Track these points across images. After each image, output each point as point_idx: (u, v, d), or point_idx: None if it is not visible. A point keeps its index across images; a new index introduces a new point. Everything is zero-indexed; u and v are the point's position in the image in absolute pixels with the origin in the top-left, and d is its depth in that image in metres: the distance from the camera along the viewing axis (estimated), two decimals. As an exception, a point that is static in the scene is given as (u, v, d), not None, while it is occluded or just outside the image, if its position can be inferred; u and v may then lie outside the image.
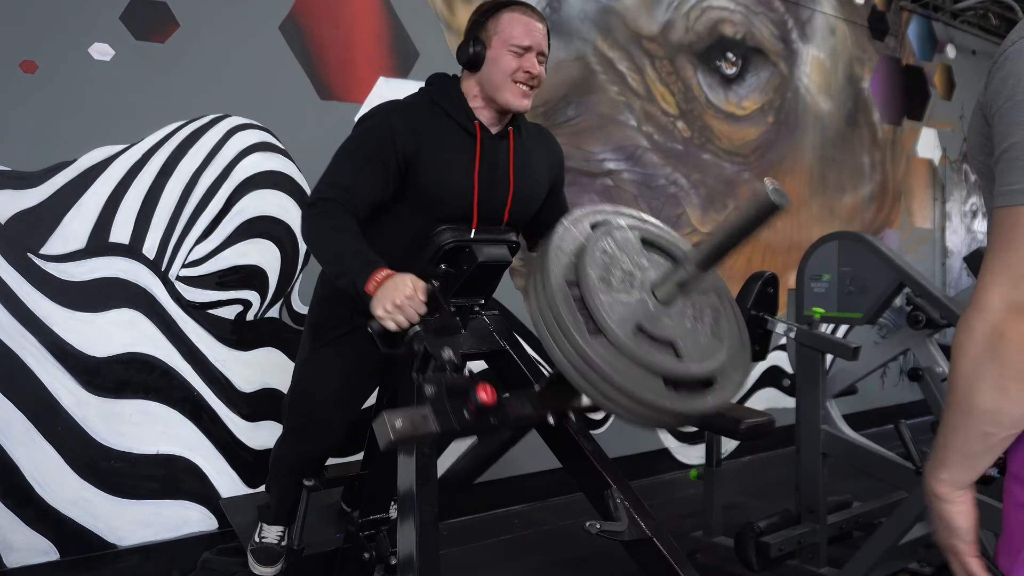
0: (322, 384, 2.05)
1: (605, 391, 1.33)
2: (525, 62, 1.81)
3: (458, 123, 1.85)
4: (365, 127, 1.84)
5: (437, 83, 1.92)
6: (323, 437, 2.12)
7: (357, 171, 1.78)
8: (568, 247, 1.45)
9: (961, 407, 0.94)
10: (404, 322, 1.56)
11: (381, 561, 2.08)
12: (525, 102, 1.84)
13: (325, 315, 2.03)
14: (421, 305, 1.57)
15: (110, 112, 2.65)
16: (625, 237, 1.50)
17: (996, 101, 0.96)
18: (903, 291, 2.64)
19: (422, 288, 1.58)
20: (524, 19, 1.83)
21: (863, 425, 4.38)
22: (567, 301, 1.37)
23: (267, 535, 2.31)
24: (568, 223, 1.50)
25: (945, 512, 0.99)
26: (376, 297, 1.58)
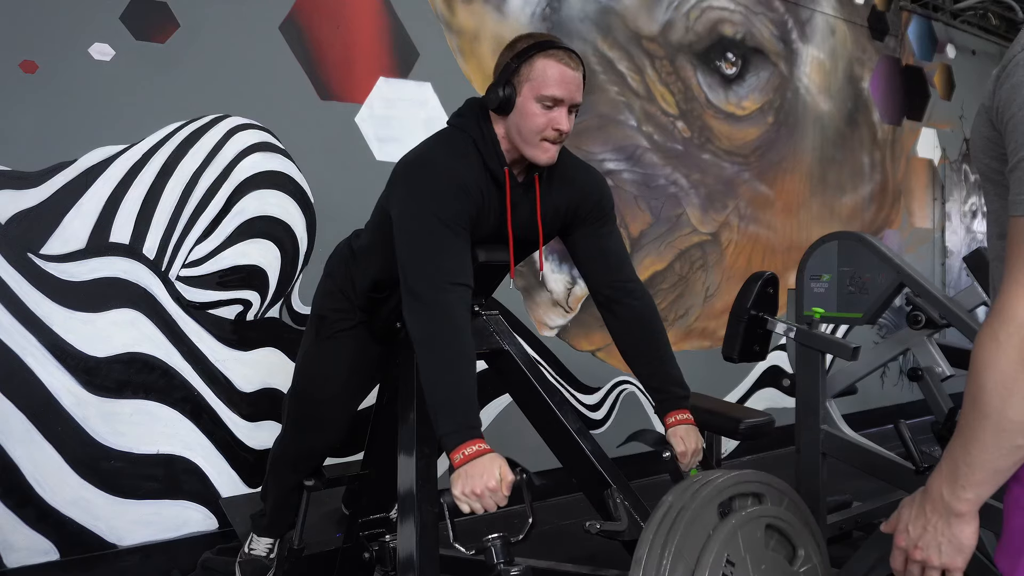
0: (325, 377, 2.05)
1: None
2: (555, 116, 1.66)
3: (489, 169, 1.73)
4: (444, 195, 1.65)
5: (473, 121, 1.75)
6: (326, 431, 2.11)
7: (457, 243, 1.64)
8: (691, 549, 1.30)
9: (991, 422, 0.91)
10: (480, 510, 1.49)
11: (381, 563, 2.08)
12: (551, 157, 1.71)
13: (328, 308, 2.03)
14: (503, 499, 1.49)
15: (110, 112, 2.65)
16: (752, 531, 1.35)
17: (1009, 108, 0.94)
18: (903, 291, 2.64)
19: (508, 483, 1.49)
20: (559, 68, 1.66)
21: (863, 425, 4.38)
22: None
23: (256, 547, 2.30)
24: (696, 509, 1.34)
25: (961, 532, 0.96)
26: (459, 472, 1.48)
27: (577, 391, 3.81)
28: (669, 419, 1.83)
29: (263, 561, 2.29)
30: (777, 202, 4.74)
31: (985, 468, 0.93)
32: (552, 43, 1.69)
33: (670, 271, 4.20)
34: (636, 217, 4.04)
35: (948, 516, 0.97)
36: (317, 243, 3.04)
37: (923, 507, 1.00)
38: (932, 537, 0.98)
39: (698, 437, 1.82)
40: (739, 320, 2.54)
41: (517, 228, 1.78)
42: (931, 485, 0.99)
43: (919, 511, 1.00)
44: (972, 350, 0.94)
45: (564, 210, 1.85)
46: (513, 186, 1.75)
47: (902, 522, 1.02)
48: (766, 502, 1.43)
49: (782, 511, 1.43)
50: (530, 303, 3.65)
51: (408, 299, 1.61)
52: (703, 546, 1.31)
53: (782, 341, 2.70)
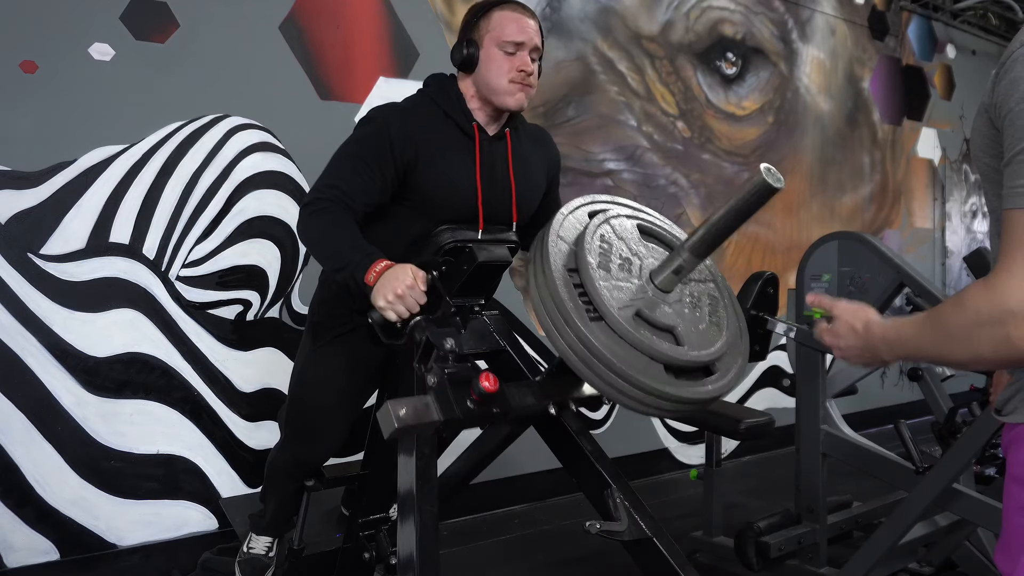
0: (322, 385, 2.04)
1: (606, 377, 1.34)
2: (518, 60, 1.80)
3: (456, 124, 1.84)
4: (363, 132, 1.83)
5: (435, 83, 1.91)
6: (323, 440, 2.10)
7: (355, 174, 1.78)
8: (567, 235, 1.46)
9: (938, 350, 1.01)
10: (404, 312, 1.56)
11: (381, 561, 2.08)
12: (520, 101, 1.84)
13: (324, 315, 2.02)
14: (422, 295, 1.57)
15: (110, 112, 2.65)
16: (623, 225, 1.51)
17: (1007, 104, 0.95)
18: (903, 291, 2.64)
19: (422, 278, 1.58)
20: (515, 16, 1.81)
21: (863, 425, 4.38)
22: (567, 287, 1.37)
23: (255, 546, 2.30)
24: (566, 211, 1.50)
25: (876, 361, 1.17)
26: (376, 287, 1.58)
27: (577, 391, 3.81)
28: None
29: (262, 560, 2.29)
30: (777, 202, 4.73)
31: (915, 357, 1.10)
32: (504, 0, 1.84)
33: (670, 271, 4.20)
34: (636, 217, 4.03)
35: (873, 357, 1.16)
36: (317, 243, 3.03)
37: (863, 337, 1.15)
38: (856, 354, 1.18)
39: None
40: (739, 320, 2.53)
41: (495, 179, 1.87)
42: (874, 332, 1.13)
43: (858, 337, 1.15)
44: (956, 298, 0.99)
45: (548, 175, 2.01)
46: (483, 138, 1.86)
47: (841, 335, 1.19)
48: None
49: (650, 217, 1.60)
50: (530, 303, 3.64)
51: (304, 202, 1.79)
52: (580, 234, 1.45)
53: (782, 341, 2.70)
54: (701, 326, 1.48)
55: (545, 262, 1.40)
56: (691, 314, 1.48)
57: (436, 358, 1.51)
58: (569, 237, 1.45)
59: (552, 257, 1.41)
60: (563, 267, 1.40)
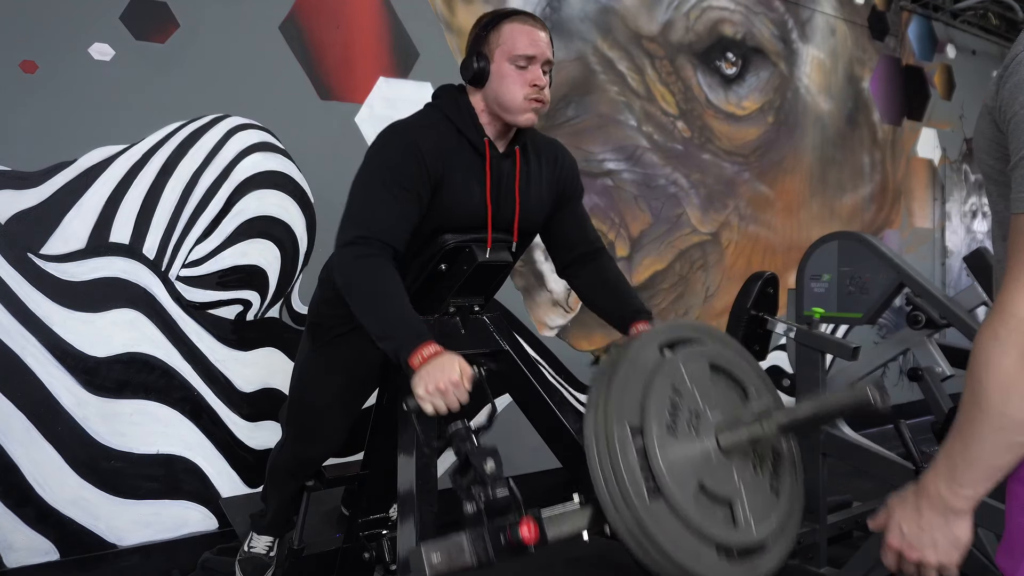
0: (322, 384, 2.04)
1: (656, 558, 1.26)
2: (530, 74, 1.73)
3: (468, 140, 1.78)
4: (391, 155, 1.72)
5: (447, 97, 1.84)
6: (324, 439, 2.10)
7: (395, 205, 1.68)
8: (636, 379, 1.33)
9: (991, 420, 0.90)
10: (443, 408, 1.49)
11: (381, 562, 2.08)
12: (532, 119, 1.77)
13: (325, 315, 2.02)
14: (465, 394, 1.49)
15: (110, 112, 2.65)
16: (697, 367, 1.39)
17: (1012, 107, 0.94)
18: (903, 291, 2.64)
19: (469, 376, 1.50)
20: (527, 28, 1.74)
21: (863, 425, 4.38)
22: (628, 457, 1.27)
23: (256, 545, 2.31)
24: (636, 348, 1.38)
25: (959, 529, 0.96)
26: (419, 374, 1.49)
27: (577, 391, 3.81)
28: (633, 329, 1.87)
29: (263, 559, 2.29)
30: (777, 202, 4.74)
31: (984, 466, 0.92)
32: (515, 11, 1.78)
33: (670, 271, 4.20)
34: (636, 217, 4.03)
35: (946, 514, 0.96)
36: (317, 243, 3.04)
37: (918, 505, 0.98)
38: (928, 535, 0.97)
39: None
40: (739, 320, 2.54)
41: (500, 197, 1.82)
42: (927, 483, 0.97)
43: (914, 509, 0.98)
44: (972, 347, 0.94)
45: (556, 190, 1.94)
46: (494, 155, 1.80)
47: (895, 521, 1.01)
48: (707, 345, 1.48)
49: (724, 351, 1.47)
50: (530, 303, 3.64)
51: (338, 248, 1.68)
52: (648, 380, 1.34)
53: (782, 341, 2.69)
54: (760, 496, 1.38)
55: (609, 414, 1.29)
56: (753, 479, 1.38)
57: (474, 479, 1.40)
58: (638, 383, 1.33)
59: (616, 409, 1.29)
60: (627, 427, 1.29)
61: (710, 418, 1.36)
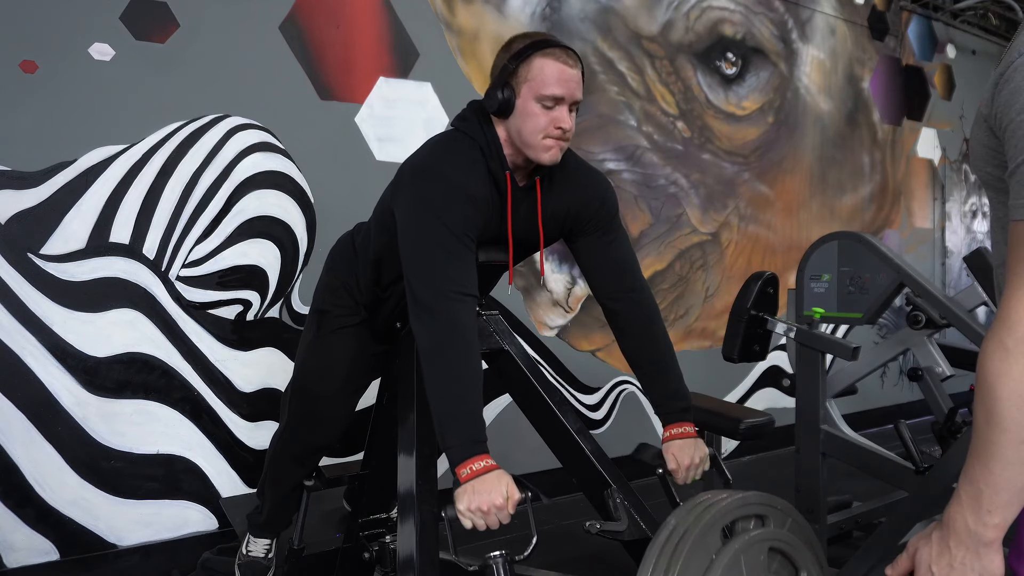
0: (326, 372, 2.05)
1: None
2: (557, 115, 1.64)
3: (491, 173, 1.71)
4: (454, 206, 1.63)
5: (477, 125, 1.73)
6: (326, 425, 2.11)
7: (463, 253, 1.62)
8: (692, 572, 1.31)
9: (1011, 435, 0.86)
10: (483, 527, 1.47)
11: (381, 563, 2.08)
12: (554, 156, 1.68)
13: (331, 303, 2.03)
14: (508, 517, 1.48)
15: (110, 112, 2.65)
16: (754, 555, 1.36)
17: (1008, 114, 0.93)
18: (903, 291, 2.64)
19: (515, 502, 1.48)
20: (557, 66, 1.64)
21: (863, 425, 4.38)
22: None
23: (254, 548, 2.30)
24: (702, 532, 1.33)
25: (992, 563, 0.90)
26: (465, 488, 1.46)
27: (577, 391, 3.81)
28: (666, 433, 1.80)
29: (262, 562, 2.29)
30: (777, 202, 4.74)
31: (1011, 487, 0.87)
32: (548, 42, 1.66)
33: (670, 271, 4.20)
34: (636, 217, 4.04)
35: (977, 547, 0.90)
36: (317, 243, 3.04)
37: (945, 542, 0.92)
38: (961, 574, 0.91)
39: (697, 450, 1.77)
40: (739, 320, 2.54)
41: (517, 231, 1.76)
42: (951, 517, 0.91)
43: (941, 548, 0.92)
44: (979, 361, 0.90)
45: (563, 216, 1.82)
46: (514, 190, 1.73)
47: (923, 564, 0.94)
48: (769, 524, 1.43)
49: (785, 533, 1.42)
50: (530, 303, 3.64)
51: (415, 308, 1.59)
52: (706, 570, 1.31)
53: (782, 341, 2.69)
54: None
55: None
56: None
57: None
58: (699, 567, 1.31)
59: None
60: None
61: None
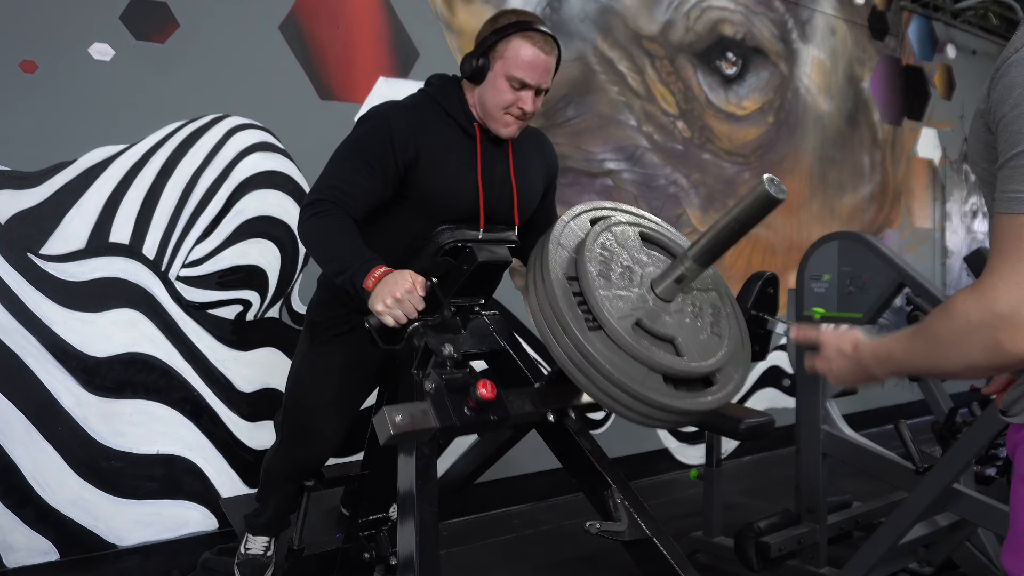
0: (320, 384, 2.03)
1: (604, 387, 1.33)
2: (522, 96, 1.78)
3: (458, 124, 1.84)
4: (363, 130, 1.82)
5: (438, 82, 1.90)
6: (320, 441, 2.08)
7: (355, 173, 1.77)
8: (568, 242, 1.44)
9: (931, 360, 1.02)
10: (402, 317, 1.56)
11: (381, 561, 2.08)
12: (512, 132, 1.83)
13: (322, 315, 2.02)
14: (420, 300, 1.56)
15: (110, 112, 2.65)
16: (625, 233, 1.50)
17: (1001, 109, 0.95)
18: (903, 291, 2.64)
19: (421, 283, 1.58)
20: (533, 51, 1.76)
21: (863, 425, 4.38)
22: (567, 296, 1.36)
23: (253, 546, 2.30)
24: (568, 218, 1.49)
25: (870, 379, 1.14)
26: (374, 293, 1.58)
27: (577, 391, 3.81)
28: None
29: (261, 559, 2.29)
30: (777, 202, 4.73)
31: (910, 367, 1.08)
32: (530, 25, 1.77)
33: (670, 271, 4.20)
34: (636, 217, 4.03)
35: (867, 377, 1.14)
36: (317, 243, 3.03)
37: (853, 359, 1.14)
38: (849, 375, 1.16)
39: None
40: (739, 320, 2.53)
41: (494, 182, 1.86)
42: (865, 351, 1.12)
43: (849, 359, 1.15)
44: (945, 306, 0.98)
45: (545, 177, 2.00)
46: (484, 139, 1.86)
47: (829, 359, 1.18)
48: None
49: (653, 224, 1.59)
50: (529, 309, 3.64)
51: (304, 204, 1.78)
52: (581, 243, 1.43)
53: (782, 341, 2.69)
54: (702, 336, 1.47)
55: (545, 270, 1.39)
56: (692, 324, 1.47)
57: (434, 364, 1.50)
58: (570, 244, 1.44)
59: (552, 265, 1.40)
60: (563, 275, 1.39)
61: (643, 272, 1.46)
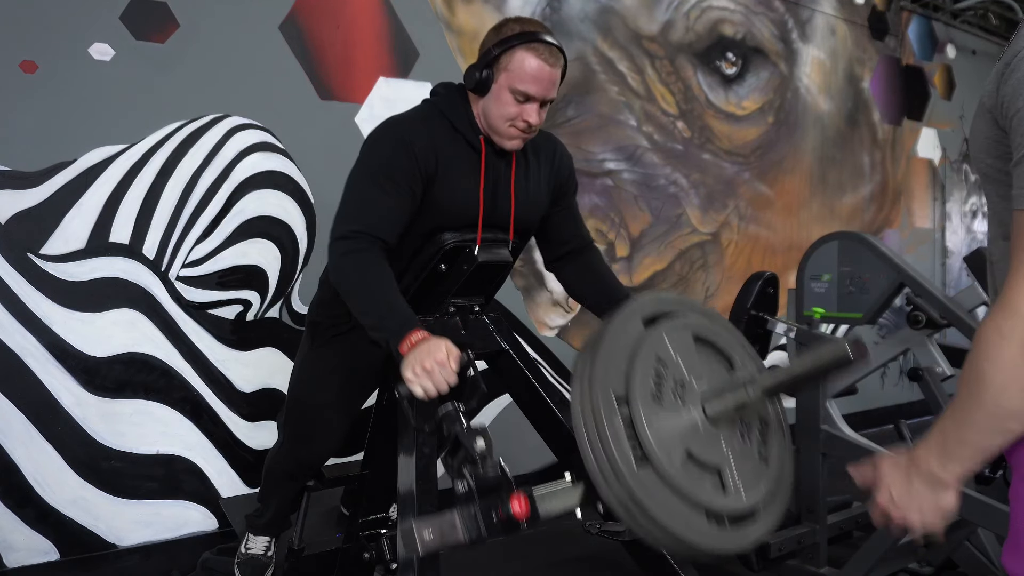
0: (321, 384, 2.04)
1: (646, 526, 1.29)
2: (526, 109, 1.72)
3: (464, 137, 1.79)
4: (383, 152, 1.74)
5: (444, 93, 1.84)
6: (322, 439, 2.09)
7: (386, 198, 1.70)
8: (620, 352, 1.34)
9: (987, 409, 0.94)
10: (432, 389, 1.50)
11: (381, 562, 2.08)
12: (516, 145, 1.79)
13: (323, 315, 2.02)
14: (452, 374, 1.50)
15: (110, 112, 2.65)
16: (681, 338, 1.40)
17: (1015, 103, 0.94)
18: (903, 291, 2.64)
19: (455, 356, 1.51)
20: (537, 63, 1.70)
21: (863, 425, 4.38)
22: (614, 424, 1.28)
23: (253, 546, 2.31)
24: (620, 321, 1.38)
25: (945, 501, 1.00)
26: (407, 359, 1.51)
27: (577, 391, 3.81)
28: None
29: (261, 559, 2.29)
30: (777, 202, 4.73)
31: (975, 447, 0.97)
32: (535, 36, 1.71)
33: (670, 271, 4.20)
34: (636, 217, 4.03)
35: (934, 486, 0.99)
36: (317, 243, 3.04)
37: (908, 473, 1.01)
38: (916, 502, 1.01)
39: None
40: (739, 320, 2.54)
41: (496, 196, 1.83)
42: (919, 457, 1.01)
43: (904, 477, 1.02)
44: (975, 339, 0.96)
45: (552, 186, 1.94)
46: (489, 152, 1.81)
47: (884, 483, 1.04)
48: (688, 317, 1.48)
49: (707, 323, 1.47)
50: (530, 303, 3.64)
51: (330, 243, 1.72)
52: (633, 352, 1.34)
53: (782, 341, 2.69)
54: (749, 463, 1.39)
55: (593, 388, 1.30)
56: (741, 446, 1.39)
57: (465, 458, 1.42)
58: (622, 354, 1.34)
59: (600, 381, 1.30)
60: (612, 396, 1.30)
61: (696, 387, 1.37)
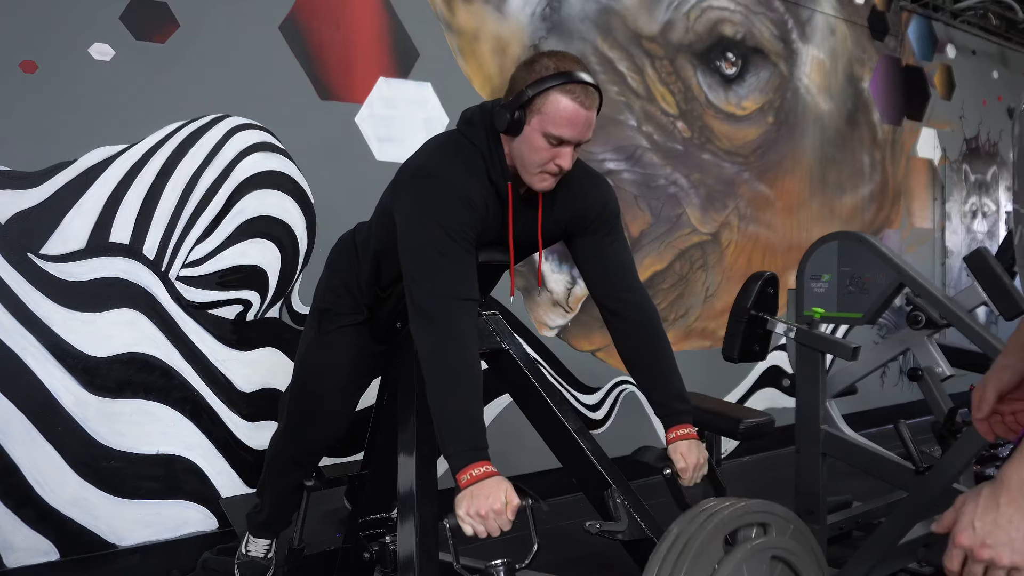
0: (327, 371, 2.05)
1: None
2: (560, 153, 1.63)
3: (492, 180, 1.71)
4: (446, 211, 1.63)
5: (482, 132, 1.72)
6: (326, 424, 2.10)
7: (462, 256, 1.62)
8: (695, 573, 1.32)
9: None
10: (483, 533, 1.47)
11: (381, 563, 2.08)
12: (548, 187, 1.69)
13: (331, 302, 2.03)
14: (507, 523, 1.46)
15: (110, 112, 2.65)
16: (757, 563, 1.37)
17: None
18: (903, 291, 2.64)
19: (513, 508, 1.47)
20: (573, 107, 1.60)
21: (863, 425, 4.38)
22: None
23: (253, 548, 2.31)
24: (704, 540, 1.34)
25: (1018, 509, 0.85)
26: (464, 493, 1.46)
27: (577, 391, 3.81)
28: (670, 435, 1.79)
29: (261, 562, 2.29)
30: (777, 202, 4.74)
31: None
32: (571, 76, 1.61)
33: (670, 271, 4.20)
34: (636, 217, 4.04)
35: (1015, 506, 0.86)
36: (317, 243, 3.04)
37: (995, 498, 0.88)
38: (1005, 533, 0.86)
39: (700, 451, 1.76)
40: (739, 320, 2.54)
41: (518, 236, 1.76)
42: (1007, 475, 0.87)
43: (989, 503, 0.88)
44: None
45: (567, 221, 1.82)
46: (515, 199, 1.73)
47: (965, 517, 0.90)
48: (771, 532, 1.43)
49: (787, 541, 1.43)
50: (530, 303, 3.64)
51: (414, 314, 1.60)
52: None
53: (782, 341, 2.69)
54: None
55: None
56: None
57: None
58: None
59: None
60: None
61: None
